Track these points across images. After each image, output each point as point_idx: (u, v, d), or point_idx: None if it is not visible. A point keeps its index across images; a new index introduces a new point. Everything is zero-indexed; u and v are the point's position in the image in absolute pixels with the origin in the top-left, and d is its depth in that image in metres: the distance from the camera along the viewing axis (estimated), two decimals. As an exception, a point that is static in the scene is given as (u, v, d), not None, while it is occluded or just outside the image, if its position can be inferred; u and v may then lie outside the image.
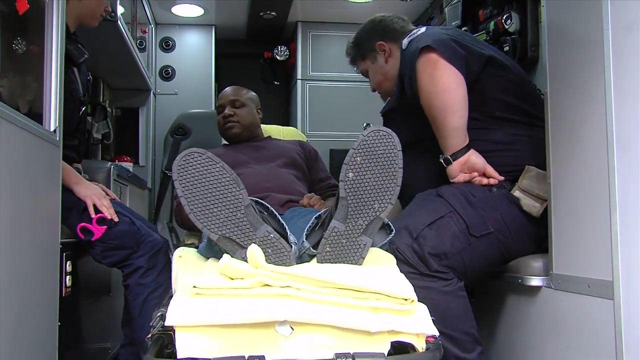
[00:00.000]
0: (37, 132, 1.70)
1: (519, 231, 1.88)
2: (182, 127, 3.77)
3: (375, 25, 2.38)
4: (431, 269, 1.77)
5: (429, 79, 1.87)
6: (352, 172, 1.45)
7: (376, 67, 2.36)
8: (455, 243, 1.80)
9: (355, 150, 1.46)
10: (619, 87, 1.39)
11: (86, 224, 2.09)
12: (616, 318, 1.39)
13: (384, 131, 1.47)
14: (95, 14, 2.34)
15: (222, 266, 1.27)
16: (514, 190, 1.90)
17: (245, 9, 4.28)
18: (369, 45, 2.35)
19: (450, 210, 1.84)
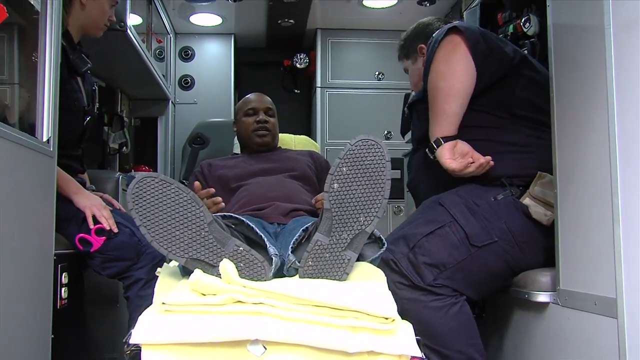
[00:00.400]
0: (28, 143, 1.69)
1: (528, 241, 1.78)
2: (200, 136, 3.76)
3: (421, 28, 2.43)
4: (425, 281, 1.69)
5: (444, 60, 1.83)
6: (338, 183, 1.39)
7: (415, 67, 2.41)
8: (454, 253, 1.72)
9: (342, 160, 1.40)
10: (621, 91, 1.30)
11: (85, 234, 2.07)
12: (620, 338, 1.29)
13: (372, 141, 1.40)
14: (99, 23, 2.33)
15: (193, 282, 1.22)
16: (524, 197, 1.80)
17: (263, 17, 4.25)
18: (413, 46, 2.40)
19: (451, 220, 1.76)
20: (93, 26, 2.31)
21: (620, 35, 1.29)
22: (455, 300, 1.73)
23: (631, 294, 1.27)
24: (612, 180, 1.32)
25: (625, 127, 1.29)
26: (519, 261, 1.78)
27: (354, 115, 4.50)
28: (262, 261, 1.31)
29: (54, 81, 1.85)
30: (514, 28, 2.77)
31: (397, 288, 1.70)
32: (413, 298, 1.69)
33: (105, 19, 2.34)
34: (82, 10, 2.25)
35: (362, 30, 4.48)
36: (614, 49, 1.31)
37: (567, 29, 1.59)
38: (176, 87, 4.49)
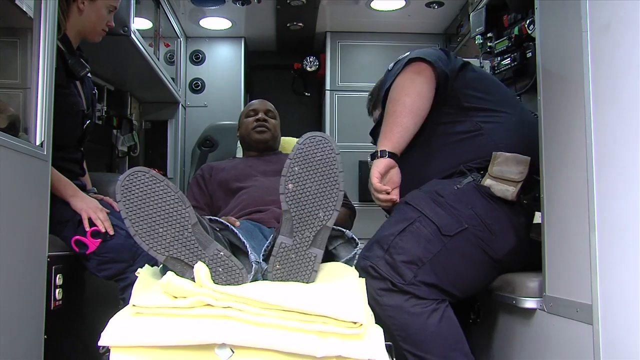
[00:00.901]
0: (21, 148, 1.71)
1: (496, 223, 1.79)
2: (209, 139, 3.79)
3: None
4: (406, 280, 1.69)
5: (410, 79, 1.90)
6: (292, 183, 1.41)
7: None
8: (428, 246, 1.73)
9: (292, 160, 1.42)
10: (597, 94, 1.28)
11: (80, 237, 2.10)
12: (595, 344, 1.27)
13: (319, 136, 1.42)
14: (97, 28, 2.34)
15: (164, 284, 1.23)
16: (485, 179, 1.83)
17: (272, 21, 4.26)
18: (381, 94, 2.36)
19: (419, 215, 1.77)
20: (91, 31, 2.33)
21: (597, 39, 1.27)
22: (437, 306, 1.72)
23: (606, 301, 1.25)
24: (588, 187, 1.30)
25: (601, 134, 1.27)
26: (493, 244, 1.78)
27: (364, 117, 4.45)
28: (240, 268, 1.32)
29: (48, 85, 1.88)
30: (519, 30, 2.76)
31: (378, 295, 1.70)
32: (395, 305, 1.68)
33: (103, 24, 2.35)
34: (80, 15, 2.27)
35: (371, 33, 4.47)
36: (591, 54, 1.29)
37: (552, 35, 1.57)
38: (187, 90, 4.52)
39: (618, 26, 1.21)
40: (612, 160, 1.24)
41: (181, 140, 4.42)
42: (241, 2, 3.91)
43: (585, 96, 1.31)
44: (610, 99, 1.25)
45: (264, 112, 2.87)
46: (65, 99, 2.20)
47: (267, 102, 2.97)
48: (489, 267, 1.82)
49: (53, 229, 2.02)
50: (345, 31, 4.50)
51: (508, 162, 1.81)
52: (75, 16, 2.26)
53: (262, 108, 2.90)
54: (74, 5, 2.25)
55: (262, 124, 2.81)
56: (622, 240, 1.21)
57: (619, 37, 1.21)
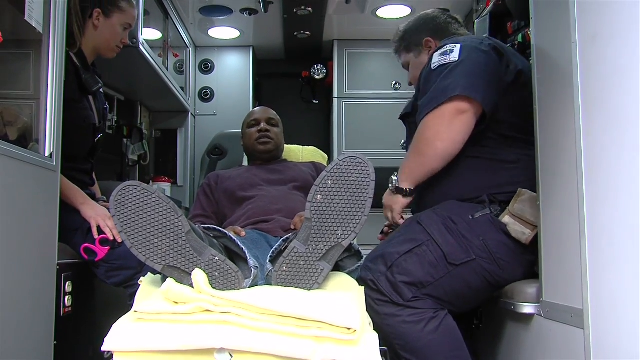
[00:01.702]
0: (30, 159, 1.77)
1: (506, 258, 1.78)
2: (219, 147, 3.85)
3: (427, 20, 2.29)
4: (405, 299, 1.71)
5: (448, 123, 1.80)
6: (321, 194, 1.44)
7: (418, 62, 2.26)
8: (432, 271, 1.74)
9: (328, 174, 1.45)
10: (586, 103, 1.31)
11: (89, 244, 2.15)
12: (586, 349, 1.29)
13: (360, 159, 1.45)
14: (111, 45, 2.40)
15: (164, 290, 1.28)
16: (504, 215, 1.79)
17: (280, 30, 4.32)
18: (416, 39, 2.27)
19: (428, 239, 1.78)
20: (105, 47, 2.39)
21: (585, 49, 1.30)
22: (434, 315, 1.74)
23: (596, 306, 1.27)
24: (578, 194, 1.33)
25: (590, 142, 1.30)
26: (498, 277, 1.78)
27: (372, 125, 4.52)
28: (236, 271, 1.36)
29: (57, 98, 1.93)
30: (522, 37, 2.77)
31: (376, 304, 1.73)
32: (391, 313, 1.71)
33: (117, 40, 2.41)
34: (95, 31, 2.32)
35: (378, 41, 4.50)
36: (580, 64, 1.32)
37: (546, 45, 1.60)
38: (196, 99, 4.58)
39: (603, 37, 1.24)
40: (601, 167, 1.27)
41: (191, 149, 4.48)
42: (249, 12, 3.98)
43: (575, 105, 1.34)
44: (598, 108, 1.28)
45: (265, 121, 2.86)
46: (77, 112, 2.27)
47: (268, 110, 2.96)
48: (490, 292, 1.84)
49: (63, 237, 2.07)
50: (352, 39, 4.55)
51: (532, 201, 1.74)
52: (90, 32, 2.32)
53: (264, 117, 2.89)
54: (89, 22, 2.31)
55: (265, 134, 2.82)
56: (611, 246, 1.23)
57: (605, 47, 1.24)
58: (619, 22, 1.19)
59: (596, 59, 1.27)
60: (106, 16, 2.33)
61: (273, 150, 2.82)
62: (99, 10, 2.30)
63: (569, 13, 1.37)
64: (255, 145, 2.82)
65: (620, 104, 1.21)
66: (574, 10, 1.35)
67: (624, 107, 1.20)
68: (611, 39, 1.21)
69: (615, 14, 1.21)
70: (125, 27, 2.42)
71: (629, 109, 1.19)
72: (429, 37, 2.23)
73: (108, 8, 2.33)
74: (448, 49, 1.91)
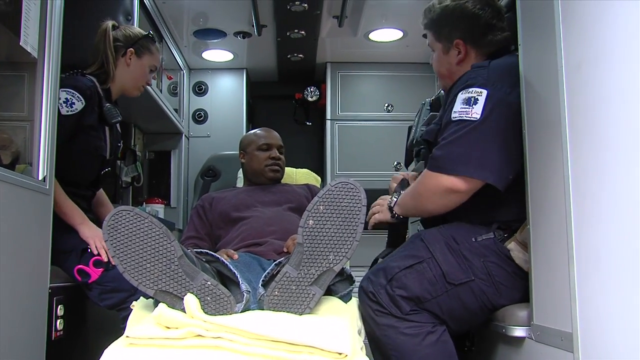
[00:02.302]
0: (23, 183, 1.77)
1: (505, 282, 1.78)
2: (212, 168, 3.86)
3: (467, 17, 2.02)
4: (403, 312, 1.73)
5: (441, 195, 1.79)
6: (313, 219, 1.45)
7: (445, 59, 2.08)
8: (430, 289, 1.75)
9: (320, 199, 1.46)
10: (573, 129, 1.33)
11: (83, 266, 2.15)
12: (575, 374, 1.30)
13: (352, 184, 1.47)
14: (138, 83, 2.51)
15: (157, 315, 1.28)
16: (510, 241, 1.78)
17: (273, 53, 4.37)
18: (448, 34, 2.04)
19: (429, 257, 1.78)
20: (132, 85, 2.50)
21: (571, 76, 1.33)
22: (432, 329, 1.75)
23: (585, 330, 1.29)
24: (566, 219, 1.34)
25: (577, 167, 1.31)
26: (495, 299, 1.79)
27: (364, 147, 4.56)
28: (228, 296, 1.36)
29: (51, 123, 1.94)
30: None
31: (375, 315, 1.75)
32: (390, 324, 1.72)
33: (144, 80, 2.52)
34: (126, 69, 2.44)
35: (371, 63, 4.56)
36: (566, 90, 1.35)
37: (533, 71, 1.62)
38: (190, 121, 4.61)
39: (589, 65, 1.27)
40: (588, 192, 1.28)
41: (184, 170, 4.50)
42: (242, 35, 4.03)
43: (562, 130, 1.36)
44: (585, 134, 1.30)
45: (277, 148, 2.87)
46: (90, 140, 2.33)
47: (278, 136, 2.95)
48: (485, 316, 1.84)
49: (55, 260, 2.07)
50: (345, 62, 4.60)
51: None
52: (121, 70, 2.44)
53: (276, 143, 2.88)
54: (122, 60, 2.44)
55: (277, 162, 2.83)
56: (598, 271, 1.25)
57: (591, 75, 1.26)
58: (604, 50, 1.22)
59: (582, 86, 1.29)
60: (138, 56, 2.46)
61: (281, 178, 2.87)
62: (132, 50, 2.44)
63: (555, 40, 1.40)
64: (265, 171, 2.82)
65: (607, 131, 1.23)
66: (559, 37, 1.38)
67: (611, 133, 1.22)
68: (597, 66, 1.24)
69: (600, 42, 1.24)
70: (152, 69, 2.55)
71: (615, 135, 1.21)
72: (461, 39, 2.01)
73: (140, 49, 2.47)
74: (473, 97, 1.79)
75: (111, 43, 2.42)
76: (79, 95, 2.23)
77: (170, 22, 3.76)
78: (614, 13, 1.23)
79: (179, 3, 3.49)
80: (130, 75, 2.46)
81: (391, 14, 3.70)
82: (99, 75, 2.40)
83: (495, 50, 2.00)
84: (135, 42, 2.46)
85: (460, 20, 2.03)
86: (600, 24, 1.26)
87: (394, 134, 4.38)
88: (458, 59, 2.03)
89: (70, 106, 2.20)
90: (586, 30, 1.31)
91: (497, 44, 2.01)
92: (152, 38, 2.55)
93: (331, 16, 3.78)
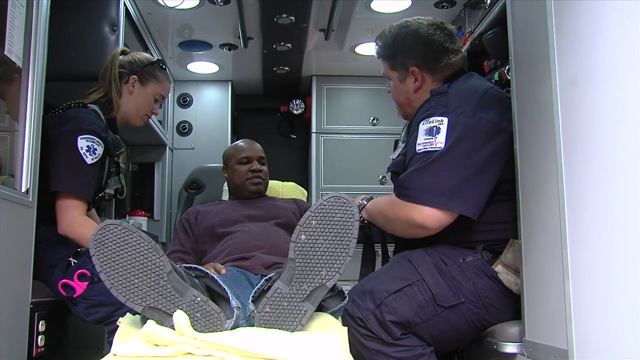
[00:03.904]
0: (6, 195, 1.73)
1: (495, 304, 1.76)
2: (196, 181, 3.83)
3: (420, 43, 2.01)
4: (394, 337, 1.70)
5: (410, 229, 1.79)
6: (305, 234, 1.43)
7: (402, 87, 2.07)
8: (420, 313, 1.72)
9: (312, 214, 1.44)
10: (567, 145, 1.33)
11: (67, 280, 2.10)
12: (571, 392, 1.29)
13: (344, 199, 1.45)
14: (141, 112, 2.43)
15: (145, 332, 1.25)
16: (496, 264, 1.77)
17: (259, 65, 4.35)
18: (403, 62, 2.03)
19: (419, 279, 1.76)
20: (134, 114, 2.41)
21: (566, 93, 1.33)
22: (423, 351, 1.73)
23: (581, 346, 1.28)
24: (561, 235, 1.34)
25: (571, 184, 1.32)
26: (485, 321, 1.77)
27: (350, 160, 4.55)
28: (218, 312, 1.33)
29: (35, 134, 1.91)
30: (499, 75, 2.82)
31: (364, 339, 1.71)
32: (379, 349, 1.70)
33: (148, 109, 2.44)
34: (129, 97, 2.36)
35: (357, 77, 4.56)
36: (561, 107, 1.34)
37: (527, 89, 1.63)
38: (174, 133, 4.57)
39: (583, 82, 1.27)
40: (582, 208, 1.28)
41: (168, 183, 4.45)
42: (228, 47, 4.01)
43: (556, 147, 1.36)
44: (579, 150, 1.30)
45: (257, 160, 2.84)
46: None
47: (258, 147, 2.92)
48: (475, 334, 1.82)
49: (40, 274, 2.02)
50: (331, 75, 4.60)
51: None
52: (125, 96, 2.37)
53: (256, 155, 2.85)
54: (125, 87, 2.36)
55: (257, 175, 2.80)
56: (593, 287, 1.24)
57: (585, 91, 1.27)
58: (598, 67, 1.22)
59: (577, 103, 1.30)
60: (142, 84, 2.38)
61: (263, 190, 2.83)
62: (136, 77, 2.36)
63: (549, 56, 1.40)
64: (247, 185, 2.79)
65: (602, 147, 1.23)
66: (554, 54, 1.38)
67: (605, 149, 1.22)
68: (591, 84, 1.24)
69: (594, 60, 1.25)
70: (157, 99, 2.45)
71: (610, 151, 1.21)
72: (417, 67, 2.01)
73: (145, 77, 2.38)
74: (434, 126, 1.78)
75: (116, 69, 2.35)
76: (98, 140, 2.16)
77: (155, 33, 3.73)
78: (608, 29, 1.24)
79: (164, 14, 3.46)
80: (133, 104, 2.38)
81: (377, 27, 3.67)
82: (104, 104, 2.32)
83: (451, 74, 2.01)
84: (140, 68, 2.37)
85: (414, 47, 2.02)
86: (595, 39, 1.27)
87: (380, 148, 4.36)
88: (415, 86, 2.04)
89: (93, 153, 2.15)
90: (580, 46, 1.31)
91: (452, 67, 2.02)
92: (160, 65, 2.46)
93: (318, 29, 3.77)
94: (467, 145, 1.74)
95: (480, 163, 1.74)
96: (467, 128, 1.76)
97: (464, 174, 1.73)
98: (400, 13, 3.48)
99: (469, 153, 1.74)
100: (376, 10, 3.49)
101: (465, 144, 1.74)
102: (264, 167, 2.84)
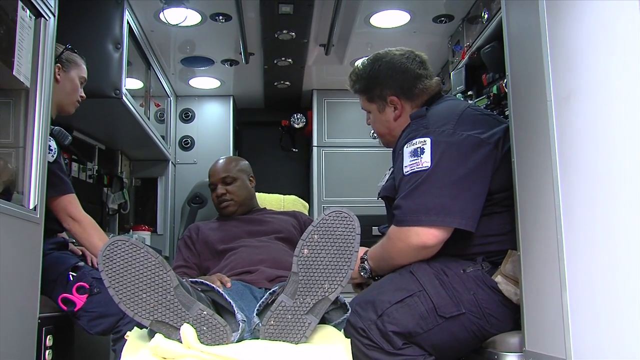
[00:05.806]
0: (15, 212, 1.77)
1: (496, 315, 1.79)
2: (199, 195, 3.85)
3: (393, 74, 2.06)
4: (395, 347, 1.72)
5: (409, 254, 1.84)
6: (308, 248, 1.46)
7: (382, 117, 2.12)
8: (421, 323, 1.75)
9: (314, 228, 1.48)
10: (563, 159, 1.36)
11: (67, 294, 2.12)
12: (570, 401, 1.31)
13: (345, 213, 1.48)
14: (72, 99, 2.44)
15: (153, 347, 1.28)
16: (496, 275, 1.80)
17: (260, 80, 4.40)
18: (380, 93, 2.08)
19: (420, 290, 1.78)
20: (67, 101, 2.42)
21: (560, 108, 1.37)
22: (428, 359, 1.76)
23: (579, 356, 1.30)
24: (558, 246, 1.37)
25: (567, 196, 1.34)
26: (486, 331, 1.79)
27: (351, 173, 4.58)
28: (224, 325, 1.36)
29: (42, 153, 1.95)
30: (497, 89, 2.87)
31: (366, 349, 1.74)
32: (381, 359, 1.72)
33: (77, 94, 2.45)
34: (58, 84, 2.35)
35: (357, 91, 4.59)
36: (556, 122, 1.38)
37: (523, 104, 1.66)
38: (176, 148, 4.61)
39: (577, 97, 1.31)
40: (578, 220, 1.31)
41: (171, 197, 4.48)
42: (230, 63, 4.05)
43: (552, 160, 1.39)
44: (574, 163, 1.33)
45: (220, 182, 2.82)
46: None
47: (220, 168, 2.87)
48: (476, 344, 1.84)
49: (44, 289, 2.05)
50: (332, 89, 4.63)
51: None
52: (54, 87, 2.32)
53: (218, 179, 2.83)
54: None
55: (223, 199, 2.80)
56: (591, 297, 1.27)
57: (579, 106, 1.30)
58: (591, 83, 1.26)
59: (571, 118, 1.33)
60: (65, 71, 2.40)
61: (236, 210, 2.81)
62: (59, 66, 2.36)
63: (544, 73, 1.44)
64: (219, 210, 2.84)
65: (597, 159, 1.26)
66: (548, 71, 1.42)
67: (601, 162, 1.25)
68: (584, 99, 1.28)
69: (587, 75, 1.28)
70: (81, 82, 2.48)
71: (605, 163, 1.24)
72: (395, 96, 2.06)
73: (65, 63, 2.40)
74: (418, 147, 1.82)
75: None
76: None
77: (158, 50, 3.78)
78: (600, 45, 1.27)
79: (167, 31, 3.51)
80: (63, 92, 2.38)
81: (377, 42, 3.75)
82: None
83: (428, 98, 2.06)
84: (58, 57, 2.35)
85: (389, 77, 2.06)
86: (587, 56, 1.30)
87: (381, 161, 4.38)
88: (395, 114, 2.08)
89: (50, 150, 2.15)
90: (574, 62, 1.35)
91: (429, 91, 2.08)
92: (73, 49, 2.46)
93: (318, 44, 3.82)
94: (452, 160, 1.79)
95: (467, 175, 1.79)
96: (450, 144, 1.81)
97: (454, 189, 1.78)
98: (399, 28, 3.53)
99: (455, 168, 1.79)
100: (375, 25, 3.53)
101: (450, 159, 1.79)
102: (228, 186, 2.81)
